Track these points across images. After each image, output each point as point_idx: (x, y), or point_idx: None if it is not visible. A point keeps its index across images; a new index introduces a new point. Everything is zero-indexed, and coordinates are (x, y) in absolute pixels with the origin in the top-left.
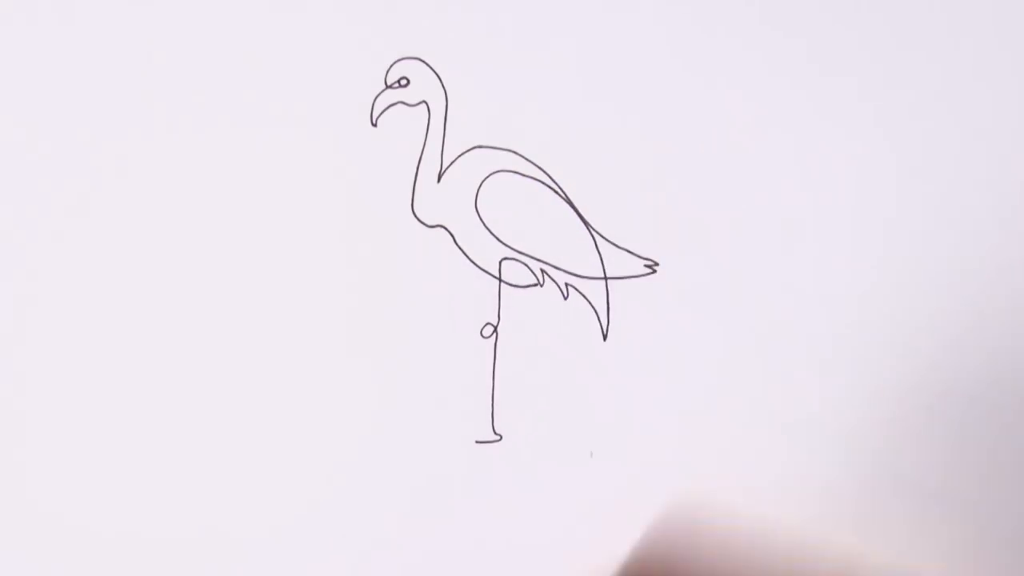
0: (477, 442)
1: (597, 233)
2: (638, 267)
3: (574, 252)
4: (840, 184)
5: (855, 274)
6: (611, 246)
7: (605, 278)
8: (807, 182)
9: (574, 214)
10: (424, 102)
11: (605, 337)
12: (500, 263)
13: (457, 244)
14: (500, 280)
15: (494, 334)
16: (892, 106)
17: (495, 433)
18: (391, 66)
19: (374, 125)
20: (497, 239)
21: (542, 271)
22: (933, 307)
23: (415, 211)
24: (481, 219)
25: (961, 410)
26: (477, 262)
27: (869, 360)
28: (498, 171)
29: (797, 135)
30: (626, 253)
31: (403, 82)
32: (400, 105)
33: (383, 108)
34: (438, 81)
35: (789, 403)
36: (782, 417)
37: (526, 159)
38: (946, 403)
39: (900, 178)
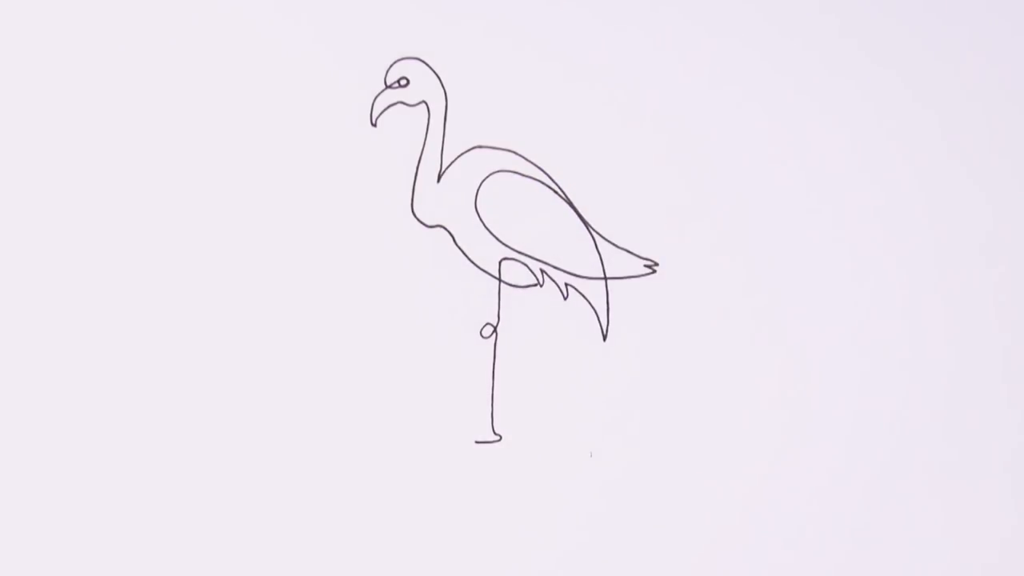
0: (477, 442)
1: (597, 233)
2: (638, 267)
3: (574, 252)
4: (842, 184)
5: (856, 274)
6: (611, 246)
7: (605, 278)
8: (808, 182)
9: (574, 214)
10: (424, 102)
11: (605, 337)
12: (500, 263)
13: (457, 244)
14: (500, 280)
15: (494, 334)
16: (895, 106)
17: (495, 433)
18: (391, 66)
19: (374, 125)
20: (497, 239)
21: (542, 271)
22: (934, 307)
23: (415, 211)
24: (481, 219)
25: (963, 410)
26: (477, 262)
27: (869, 359)
28: (498, 171)
29: (799, 135)
30: (626, 253)
31: (403, 82)
32: (400, 105)
33: (383, 108)
34: (438, 81)
35: (789, 402)
36: (782, 416)
37: (526, 159)
38: (947, 404)
39: (904, 179)
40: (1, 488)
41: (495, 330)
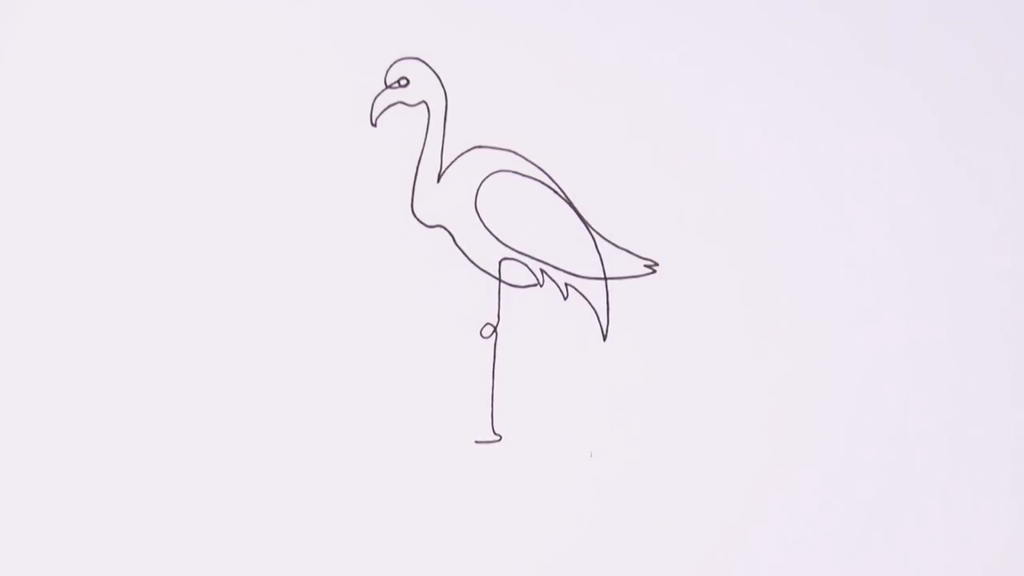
0: (477, 442)
1: (597, 233)
2: (638, 267)
3: (574, 252)
4: (842, 184)
5: (856, 274)
6: (611, 246)
7: (605, 278)
8: (809, 183)
9: (574, 214)
10: (424, 102)
11: (605, 337)
12: (500, 263)
13: (457, 244)
14: (500, 280)
15: (494, 334)
16: (895, 105)
17: (495, 433)
18: (391, 66)
19: (374, 125)
20: (497, 239)
21: (542, 271)
22: (935, 307)
23: (415, 211)
24: (481, 219)
25: (965, 411)
26: (477, 262)
27: (870, 360)
28: (498, 171)
29: (799, 136)
30: (626, 253)
31: (403, 82)
32: (400, 105)
33: (383, 108)
34: (438, 81)
35: (789, 402)
36: (782, 416)
37: (526, 159)
38: (949, 404)
39: (905, 178)
40: (1, 487)
41: (495, 330)
